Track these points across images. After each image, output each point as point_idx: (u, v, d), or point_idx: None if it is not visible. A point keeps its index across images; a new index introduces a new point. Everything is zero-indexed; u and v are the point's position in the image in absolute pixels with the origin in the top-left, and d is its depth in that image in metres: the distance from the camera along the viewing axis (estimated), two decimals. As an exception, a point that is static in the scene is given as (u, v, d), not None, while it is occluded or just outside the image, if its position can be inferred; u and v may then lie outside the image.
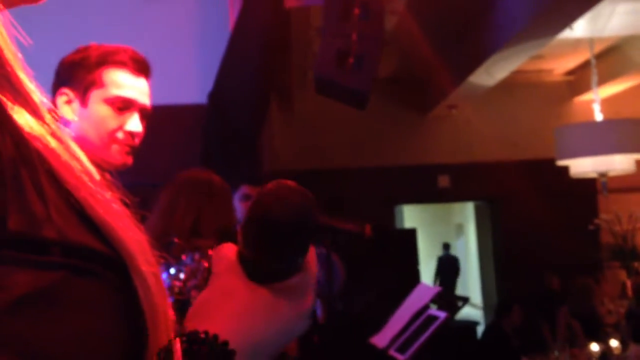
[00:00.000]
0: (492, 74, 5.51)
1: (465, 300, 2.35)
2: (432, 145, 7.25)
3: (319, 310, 2.76)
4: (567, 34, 4.74)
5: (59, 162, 0.42)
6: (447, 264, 9.95)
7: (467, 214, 10.17)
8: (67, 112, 1.24)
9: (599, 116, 5.58)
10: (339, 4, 3.22)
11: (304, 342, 2.48)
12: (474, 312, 8.91)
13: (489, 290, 8.02)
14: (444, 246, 10.22)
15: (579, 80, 7.05)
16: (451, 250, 10.36)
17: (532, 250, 6.82)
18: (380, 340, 2.30)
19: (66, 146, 0.44)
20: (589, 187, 6.77)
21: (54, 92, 1.25)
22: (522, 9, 4.37)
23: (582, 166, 5.17)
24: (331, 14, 3.24)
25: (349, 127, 6.80)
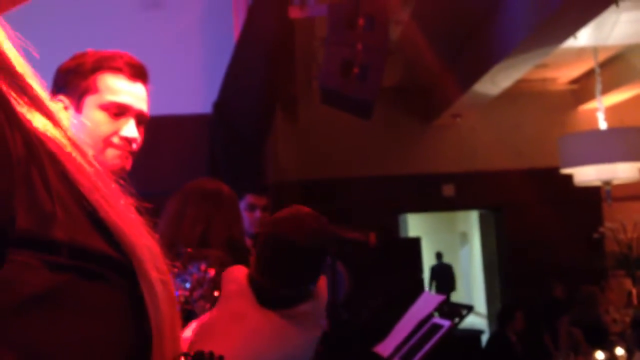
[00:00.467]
0: (497, 82, 5.53)
1: (469, 308, 2.35)
2: (437, 154, 7.26)
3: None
4: (571, 43, 4.76)
5: (74, 164, 0.42)
6: (441, 273, 10.00)
7: (471, 222, 10.15)
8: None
9: (603, 125, 5.59)
10: (343, 14, 3.24)
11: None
12: (478, 320, 8.88)
13: (493, 298, 8.00)
14: (437, 255, 10.25)
15: (583, 88, 7.06)
16: (444, 258, 10.36)
17: (537, 258, 6.81)
18: (384, 349, 2.30)
19: (81, 151, 0.44)
20: (593, 196, 6.76)
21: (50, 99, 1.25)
22: (526, 17, 4.39)
23: (586, 174, 5.17)
24: (336, 24, 3.27)
25: (354, 137, 6.82)
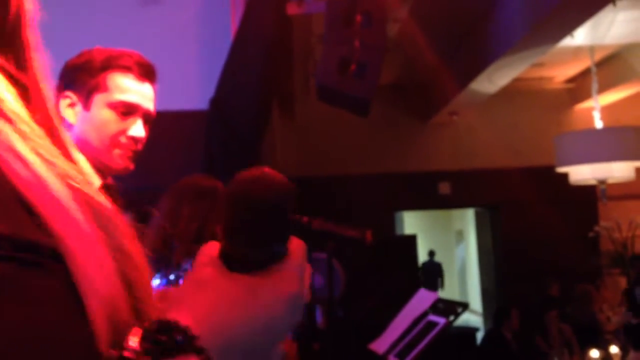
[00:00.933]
0: (494, 81, 5.53)
1: (464, 306, 2.36)
2: (433, 151, 7.26)
3: (319, 316, 2.77)
4: (567, 42, 4.77)
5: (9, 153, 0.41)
6: (431, 271, 10.16)
7: (467, 220, 10.17)
8: (69, 115, 1.25)
9: (599, 124, 5.60)
10: (341, 11, 3.24)
11: (305, 349, 2.49)
12: (473, 318, 8.91)
13: (488, 296, 8.02)
14: (429, 253, 10.38)
15: (579, 87, 7.08)
16: (440, 256, 10.46)
17: (532, 257, 6.83)
18: (379, 346, 2.31)
19: (23, 135, 0.42)
20: (588, 194, 6.79)
21: (56, 95, 1.25)
22: (523, 16, 4.40)
23: (581, 173, 5.19)
24: (333, 21, 3.27)
25: (351, 134, 6.82)
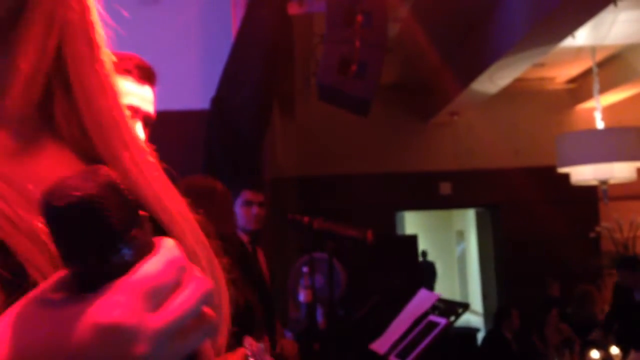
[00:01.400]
0: (495, 81, 5.53)
1: (465, 306, 2.36)
2: (434, 152, 7.26)
3: (320, 316, 2.76)
4: (569, 42, 4.76)
5: None
6: (425, 270, 10.22)
7: (468, 220, 10.16)
8: None
9: (600, 124, 5.60)
10: (341, 11, 3.24)
11: (305, 349, 2.48)
12: (474, 318, 8.90)
13: (489, 297, 8.01)
14: (422, 253, 10.43)
15: (580, 88, 7.07)
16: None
17: (533, 257, 6.82)
18: (380, 346, 2.31)
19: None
20: (590, 195, 6.78)
21: None
22: (524, 16, 4.39)
23: (583, 174, 5.18)
24: (334, 21, 3.27)
25: (351, 134, 6.82)
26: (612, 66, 6.23)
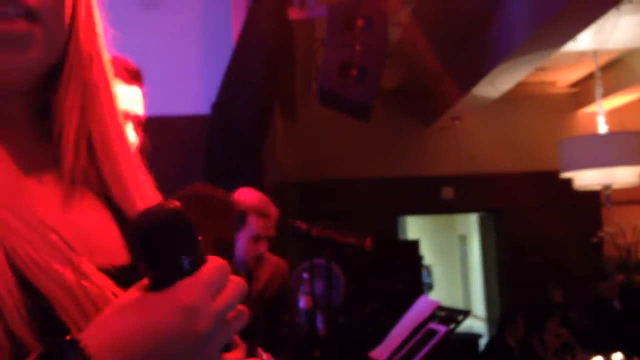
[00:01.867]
0: (496, 85, 5.51)
1: (466, 313, 2.34)
2: (436, 156, 7.24)
3: (320, 323, 2.74)
4: (571, 46, 4.75)
5: None
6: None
7: (470, 225, 10.13)
8: None
9: (603, 128, 5.57)
10: (342, 15, 3.23)
11: (306, 356, 2.46)
12: (477, 324, 8.86)
13: (492, 302, 7.98)
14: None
15: (583, 92, 7.05)
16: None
17: (536, 262, 6.79)
18: (380, 354, 2.28)
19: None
20: (592, 200, 6.75)
21: None
22: (525, 20, 4.38)
23: (586, 178, 5.16)
24: (335, 25, 3.26)
25: (353, 138, 6.80)
26: (615, 70, 6.21)
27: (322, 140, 6.91)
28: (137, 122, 1.30)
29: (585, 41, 5.09)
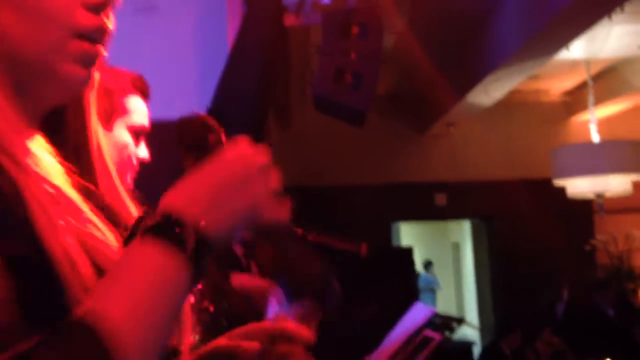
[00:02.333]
0: (489, 93, 5.54)
1: (459, 321, 2.34)
2: (430, 163, 7.26)
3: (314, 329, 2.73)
4: (563, 55, 4.78)
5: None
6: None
7: (463, 232, 10.15)
8: None
9: (595, 137, 5.61)
10: (337, 22, 3.24)
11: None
12: (470, 332, 8.86)
13: (485, 310, 7.98)
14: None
15: (575, 100, 7.09)
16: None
17: (528, 270, 6.81)
18: (375, 360, 2.28)
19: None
20: (585, 208, 6.78)
21: None
22: (518, 29, 4.41)
23: (578, 186, 5.19)
24: (330, 32, 3.27)
25: (347, 144, 6.81)
26: (607, 79, 6.25)
27: (316, 146, 6.92)
28: (145, 134, 1.33)
29: (577, 50, 5.12)
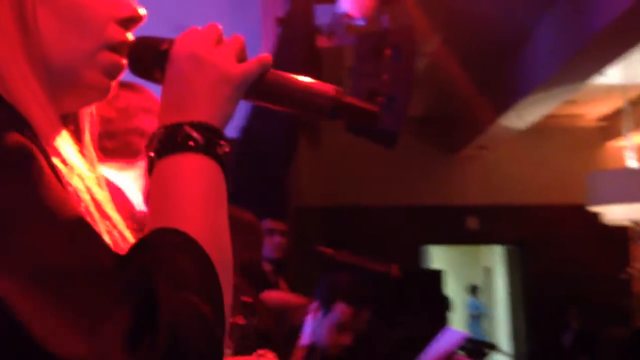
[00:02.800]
0: (523, 117, 5.49)
1: (492, 347, 2.29)
2: (462, 185, 7.19)
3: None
4: (600, 80, 4.72)
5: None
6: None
7: (495, 257, 9.99)
8: None
9: (632, 163, 5.49)
10: (370, 44, 3.26)
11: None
12: (502, 359, 8.66)
13: (518, 336, 7.81)
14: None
15: (611, 126, 6.97)
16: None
17: (562, 296, 6.65)
18: (403, 384, 2.25)
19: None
20: (621, 234, 6.61)
21: None
22: (553, 53, 4.37)
23: (614, 213, 5.07)
24: (362, 53, 3.29)
25: (378, 165, 6.80)
26: (645, 104, 6.13)
27: (346, 166, 6.93)
28: None
29: (613, 75, 5.05)
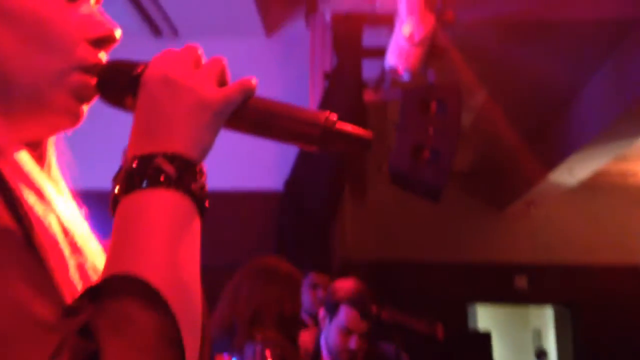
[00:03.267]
0: (574, 173, 5.35)
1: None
2: (510, 242, 7.00)
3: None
4: (654, 135, 4.58)
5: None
6: None
7: (545, 318, 9.60)
8: None
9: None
10: (416, 98, 3.27)
11: None
12: None
13: (570, 404, 7.39)
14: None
15: (667, 183, 6.73)
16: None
17: (619, 362, 6.30)
18: None
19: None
20: (681, 298, 6.28)
21: None
22: (604, 108, 4.29)
23: (673, 274, 4.83)
24: (408, 108, 3.29)
25: (423, 220, 6.71)
26: (703, 161, 5.91)
27: (391, 221, 6.86)
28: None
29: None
